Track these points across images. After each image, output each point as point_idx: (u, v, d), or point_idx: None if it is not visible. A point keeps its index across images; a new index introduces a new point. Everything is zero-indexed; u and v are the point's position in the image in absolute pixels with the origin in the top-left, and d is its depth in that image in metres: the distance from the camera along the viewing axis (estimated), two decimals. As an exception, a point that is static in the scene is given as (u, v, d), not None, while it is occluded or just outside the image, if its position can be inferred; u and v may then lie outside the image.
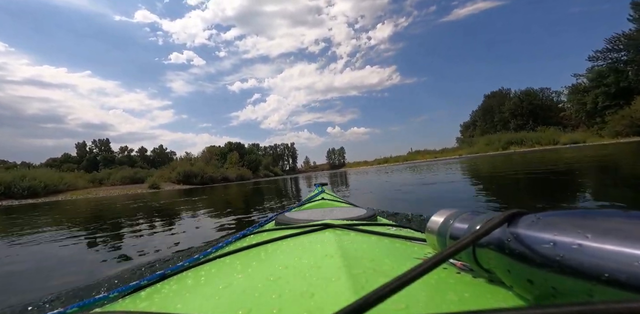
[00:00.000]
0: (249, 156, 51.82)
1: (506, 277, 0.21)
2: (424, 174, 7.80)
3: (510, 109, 40.66)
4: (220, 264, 0.39)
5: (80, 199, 14.99)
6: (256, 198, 6.01)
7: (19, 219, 5.30)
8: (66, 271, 1.64)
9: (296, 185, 10.57)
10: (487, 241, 0.22)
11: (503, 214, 0.21)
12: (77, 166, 43.11)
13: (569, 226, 0.17)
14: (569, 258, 0.16)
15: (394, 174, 9.94)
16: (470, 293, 0.23)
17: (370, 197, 4.18)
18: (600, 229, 0.16)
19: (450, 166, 10.98)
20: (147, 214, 4.35)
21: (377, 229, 0.48)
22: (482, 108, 49.00)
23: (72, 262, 1.88)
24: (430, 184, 5.00)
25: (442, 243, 0.28)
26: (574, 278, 0.15)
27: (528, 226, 0.19)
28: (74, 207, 7.52)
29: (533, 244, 0.18)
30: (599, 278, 0.14)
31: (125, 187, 23.40)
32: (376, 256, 0.33)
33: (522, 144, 29.40)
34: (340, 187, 6.68)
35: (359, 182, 8.16)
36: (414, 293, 0.22)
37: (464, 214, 0.28)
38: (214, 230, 2.52)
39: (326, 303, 0.22)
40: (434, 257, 0.17)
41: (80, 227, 3.55)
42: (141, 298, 0.33)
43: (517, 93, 41.84)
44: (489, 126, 46.03)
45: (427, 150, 51.81)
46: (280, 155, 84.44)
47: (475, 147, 35.11)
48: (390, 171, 12.38)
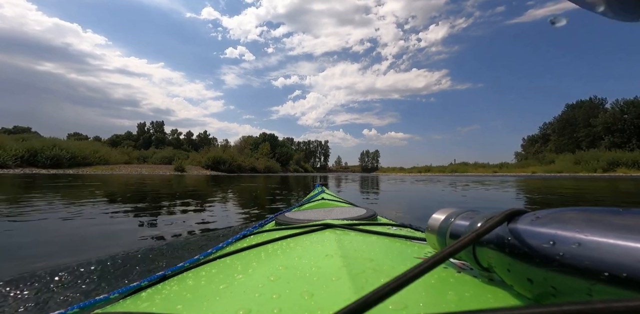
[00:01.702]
0: (280, 149, 50.22)
1: (506, 276, 0.21)
2: (526, 194, 5.26)
3: (605, 123, 32.55)
4: (220, 264, 0.39)
5: (97, 174, 13.89)
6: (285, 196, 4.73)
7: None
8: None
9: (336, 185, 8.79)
10: (487, 240, 0.22)
11: (503, 213, 0.21)
12: (135, 143, 46.68)
13: (568, 224, 0.17)
14: (568, 256, 0.16)
15: (464, 189, 6.46)
16: (470, 293, 0.23)
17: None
18: (599, 227, 0.16)
19: (538, 187, 7.61)
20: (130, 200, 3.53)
21: (377, 228, 0.49)
22: (560, 120, 40.70)
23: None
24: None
25: (442, 242, 0.28)
26: (573, 276, 0.15)
27: (528, 225, 0.19)
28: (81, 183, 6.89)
29: (533, 243, 0.18)
30: (599, 277, 0.14)
31: (151, 167, 22.31)
32: (376, 256, 0.33)
33: (634, 167, 22.17)
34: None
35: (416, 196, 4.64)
36: (413, 292, 0.22)
37: (463, 213, 0.28)
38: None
39: (326, 303, 0.22)
40: (434, 256, 0.17)
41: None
42: (142, 299, 0.33)
43: (618, 103, 33.20)
44: (568, 141, 37.92)
45: (478, 163, 44.59)
46: (313, 152, 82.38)
47: (556, 166, 28.32)
48: (446, 183, 8.43)
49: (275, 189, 6.09)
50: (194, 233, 1.82)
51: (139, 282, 0.40)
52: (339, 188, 6.87)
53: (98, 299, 0.37)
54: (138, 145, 44.99)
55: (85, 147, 20.79)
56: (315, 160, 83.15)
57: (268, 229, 0.63)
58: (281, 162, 46.71)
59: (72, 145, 20.06)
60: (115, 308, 0.34)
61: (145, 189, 5.56)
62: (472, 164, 43.57)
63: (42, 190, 4.69)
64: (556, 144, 39.29)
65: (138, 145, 44.99)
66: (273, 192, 5.29)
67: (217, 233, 1.73)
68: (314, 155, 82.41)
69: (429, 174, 35.92)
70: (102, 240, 1.60)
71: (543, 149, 41.87)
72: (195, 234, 1.75)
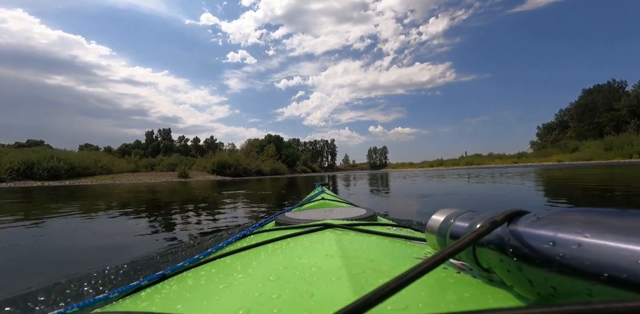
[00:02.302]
0: (286, 150, 49.17)
1: (506, 277, 0.21)
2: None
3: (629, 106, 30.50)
4: (220, 264, 0.39)
5: (96, 184, 12.99)
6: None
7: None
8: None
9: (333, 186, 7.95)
10: (487, 240, 0.22)
11: (503, 213, 0.21)
12: (144, 151, 46.59)
13: (568, 225, 0.17)
14: (568, 257, 0.16)
15: (494, 183, 5.22)
16: (470, 293, 0.23)
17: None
18: (599, 228, 0.16)
19: (573, 175, 6.90)
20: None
21: (377, 229, 0.48)
22: (578, 105, 38.50)
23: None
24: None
25: (442, 242, 0.28)
26: (573, 277, 0.15)
27: (528, 226, 0.19)
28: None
29: (533, 244, 0.18)
30: (599, 278, 0.14)
31: (154, 174, 21.36)
32: (376, 256, 0.33)
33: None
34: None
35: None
36: (413, 293, 0.22)
37: (464, 214, 0.28)
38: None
39: (326, 303, 0.22)
40: (433, 257, 0.17)
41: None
42: (141, 298, 0.33)
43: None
44: (588, 127, 35.78)
45: (494, 154, 42.40)
46: (320, 151, 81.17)
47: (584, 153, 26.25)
48: (460, 177, 6.93)
49: (282, 190, 5.69)
50: (193, 234, 1.82)
51: (138, 281, 0.40)
52: (349, 190, 5.84)
53: (97, 298, 0.36)
54: (147, 153, 44.81)
55: (86, 157, 19.89)
56: (323, 159, 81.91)
57: (268, 229, 0.63)
58: (288, 164, 45.72)
59: (72, 155, 19.31)
60: (114, 308, 0.33)
61: (135, 200, 4.97)
62: (486, 156, 41.34)
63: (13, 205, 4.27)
64: (576, 130, 37.10)
65: (147, 153, 44.81)
66: (280, 195, 4.93)
67: (217, 233, 1.74)
68: (320, 154, 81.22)
69: (441, 168, 34.02)
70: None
71: (562, 137, 39.76)
72: (195, 235, 1.75)
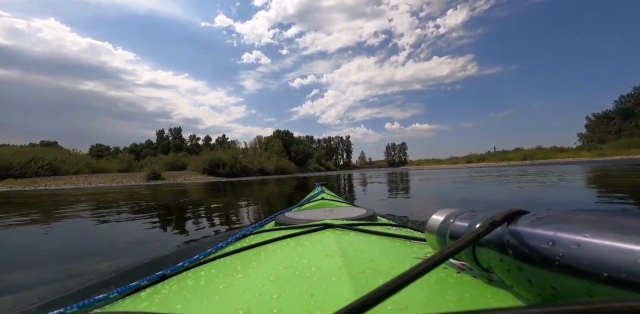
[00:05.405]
0: (297, 147, 44.74)
1: (506, 277, 0.21)
2: None
3: None
4: (220, 264, 0.39)
5: (27, 190, 9.06)
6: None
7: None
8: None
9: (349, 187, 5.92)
10: (486, 240, 0.22)
11: (503, 213, 0.21)
12: (154, 151, 45.19)
13: (568, 225, 0.17)
14: (568, 257, 0.16)
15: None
16: (469, 293, 0.23)
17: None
18: (599, 228, 0.16)
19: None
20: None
21: (377, 229, 0.49)
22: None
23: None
24: None
25: (441, 242, 0.28)
26: (573, 277, 0.15)
27: (528, 226, 0.19)
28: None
29: (532, 244, 0.18)
30: (599, 277, 0.14)
31: (115, 176, 16.93)
32: (376, 256, 0.33)
33: None
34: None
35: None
36: (413, 292, 0.22)
37: (463, 214, 0.28)
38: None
39: (326, 303, 0.22)
40: (433, 257, 0.17)
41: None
42: (141, 299, 0.33)
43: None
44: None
45: (542, 147, 34.62)
46: (334, 148, 76.37)
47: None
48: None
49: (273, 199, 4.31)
50: (193, 235, 1.78)
51: (138, 281, 0.40)
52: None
53: (97, 298, 0.36)
54: (157, 152, 43.14)
55: (18, 154, 15.28)
56: (338, 157, 77.18)
57: (268, 229, 0.63)
58: (298, 162, 41.54)
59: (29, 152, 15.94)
60: (114, 308, 0.33)
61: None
62: (549, 148, 33.18)
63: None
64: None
65: (157, 152, 43.14)
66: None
67: (217, 234, 1.74)
68: (335, 152, 76.46)
69: (481, 164, 27.77)
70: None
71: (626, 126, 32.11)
72: (195, 236, 1.71)
